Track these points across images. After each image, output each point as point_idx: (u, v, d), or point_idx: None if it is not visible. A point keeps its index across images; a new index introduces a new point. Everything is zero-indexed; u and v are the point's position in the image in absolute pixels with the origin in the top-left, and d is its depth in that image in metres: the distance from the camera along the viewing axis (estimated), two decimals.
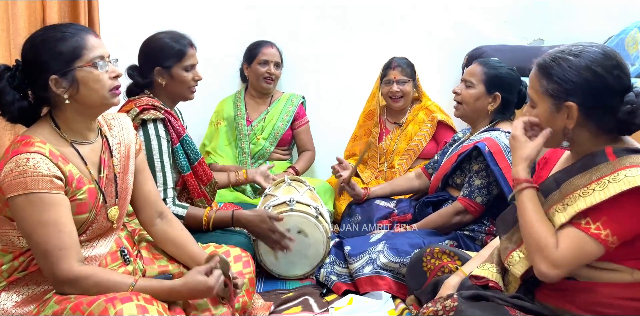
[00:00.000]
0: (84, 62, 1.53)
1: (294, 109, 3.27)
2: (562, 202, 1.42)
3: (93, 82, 1.54)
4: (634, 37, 2.68)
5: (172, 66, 2.21)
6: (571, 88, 1.42)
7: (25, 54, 1.55)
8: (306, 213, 2.39)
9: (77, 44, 1.53)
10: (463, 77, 2.46)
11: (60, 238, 1.47)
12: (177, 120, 2.24)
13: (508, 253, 1.53)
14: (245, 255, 1.97)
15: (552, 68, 1.45)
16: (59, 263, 1.46)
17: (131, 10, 3.27)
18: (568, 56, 1.44)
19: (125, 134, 1.76)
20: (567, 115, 1.44)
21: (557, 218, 1.41)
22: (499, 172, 2.22)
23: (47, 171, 1.47)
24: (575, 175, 1.44)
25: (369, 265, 2.22)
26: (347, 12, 3.51)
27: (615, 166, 1.38)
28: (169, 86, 2.24)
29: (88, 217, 1.58)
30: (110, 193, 1.68)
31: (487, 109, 2.40)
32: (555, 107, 1.46)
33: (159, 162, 2.13)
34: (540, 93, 1.48)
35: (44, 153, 1.49)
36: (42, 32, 1.58)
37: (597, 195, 1.36)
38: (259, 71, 3.18)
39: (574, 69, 1.42)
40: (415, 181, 2.81)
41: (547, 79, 1.46)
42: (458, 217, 2.34)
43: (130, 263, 1.71)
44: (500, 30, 3.49)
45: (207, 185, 2.34)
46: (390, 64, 3.12)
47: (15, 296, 1.54)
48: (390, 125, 3.25)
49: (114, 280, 1.52)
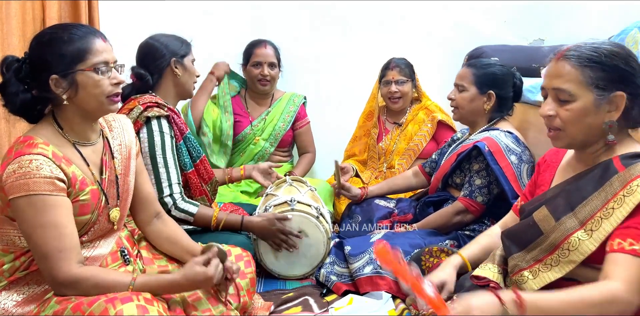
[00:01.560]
0: (86, 66, 1.53)
1: (295, 109, 3.26)
2: (584, 228, 1.40)
3: (92, 86, 1.54)
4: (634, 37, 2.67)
5: (185, 55, 2.30)
6: (621, 76, 1.39)
7: (31, 51, 1.55)
8: (307, 213, 2.39)
9: (82, 47, 1.53)
10: (455, 81, 2.47)
11: (60, 240, 1.47)
12: (180, 118, 2.26)
13: (517, 271, 1.51)
14: (246, 254, 1.97)
15: (597, 57, 1.39)
16: (59, 265, 1.46)
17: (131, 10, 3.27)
18: (605, 46, 1.41)
19: (126, 135, 1.76)
20: (613, 107, 1.40)
21: (585, 246, 1.38)
22: (499, 171, 2.23)
23: (49, 173, 1.47)
24: (589, 195, 1.41)
25: (370, 265, 2.22)
26: (347, 12, 3.51)
27: (625, 178, 1.36)
28: (183, 78, 2.30)
29: (90, 218, 1.58)
30: (112, 194, 1.68)
31: (484, 109, 2.41)
32: (601, 99, 1.40)
33: (162, 157, 2.13)
34: (583, 84, 1.40)
35: (47, 155, 1.49)
36: (51, 30, 1.59)
37: (617, 213, 1.34)
38: (252, 73, 3.16)
39: (620, 57, 1.40)
40: (413, 179, 2.81)
41: (591, 68, 1.39)
42: (459, 216, 2.34)
43: (130, 263, 1.72)
44: (500, 30, 3.49)
45: (208, 184, 2.35)
46: (388, 65, 3.13)
47: (16, 295, 1.54)
48: (390, 125, 3.25)
49: (114, 280, 1.51)
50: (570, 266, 1.41)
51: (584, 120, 1.42)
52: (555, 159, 1.64)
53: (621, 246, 1.33)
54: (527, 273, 1.49)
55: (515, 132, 2.38)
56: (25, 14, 2.34)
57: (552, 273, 1.44)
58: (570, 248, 1.41)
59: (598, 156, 1.47)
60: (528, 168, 2.26)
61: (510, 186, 2.21)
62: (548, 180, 1.62)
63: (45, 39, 1.55)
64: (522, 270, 1.50)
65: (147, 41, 2.31)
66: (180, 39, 2.33)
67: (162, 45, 2.27)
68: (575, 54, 1.42)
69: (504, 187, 2.22)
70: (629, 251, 1.32)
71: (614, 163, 1.41)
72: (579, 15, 3.41)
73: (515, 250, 1.56)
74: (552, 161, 1.65)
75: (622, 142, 1.46)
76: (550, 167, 1.64)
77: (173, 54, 2.27)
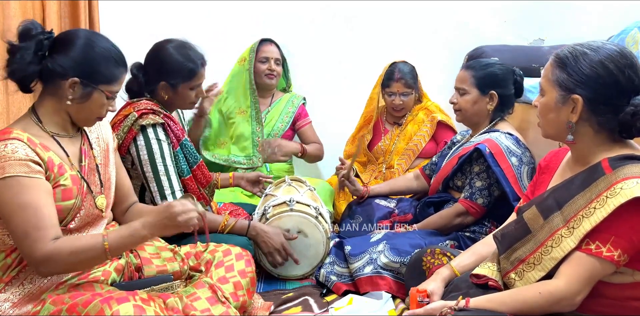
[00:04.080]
0: (106, 89, 1.63)
1: (294, 110, 3.27)
2: (567, 226, 1.42)
3: (96, 106, 1.64)
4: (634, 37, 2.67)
5: (178, 84, 2.20)
6: (580, 81, 1.43)
7: (74, 45, 1.60)
8: (306, 213, 2.39)
9: (115, 72, 1.64)
10: (455, 85, 2.47)
11: (39, 219, 1.48)
12: (176, 124, 2.22)
13: (505, 273, 1.54)
14: (246, 254, 1.97)
15: (566, 59, 1.46)
16: (37, 243, 1.47)
17: (131, 10, 3.27)
18: (585, 50, 1.44)
19: (103, 130, 1.83)
20: (572, 109, 1.45)
21: (566, 243, 1.40)
22: (500, 172, 2.23)
23: (24, 156, 1.51)
24: (576, 194, 1.43)
25: (370, 265, 2.22)
26: (347, 12, 3.51)
27: (611, 180, 1.38)
28: (170, 99, 2.23)
29: (74, 203, 1.61)
30: (94, 182, 1.71)
31: (487, 109, 2.41)
32: (561, 98, 1.46)
33: (162, 165, 2.11)
34: (550, 82, 1.48)
35: (22, 139, 1.53)
36: (105, 42, 1.66)
37: (598, 213, 1.36)
38: (260, 68, 3.17)
39: (588, 62, 1.43)
40: (414, 182, 2.81)
41: (560, 69, 1.46)
42: (459, 218, 2.34)
43: (122, 256, 1.73)
44: (500, 30, 3.49)
45: (206, 188, 2.34)
46: (392, 74, 3.09)
47: (12, 296, 1.55)
48: (390, 125, 3.25)
49: (87, 243, 1.52)
50: (552, 263, 1.42)
51: (548, 115, 1.51)
52: (555, 161, 1.65)
53: (599, 251, 1.36)
54: (514, 275, 1.50)
55: (516, 133, 2.38)
56: (25, 14, 2.34)
57: (535, 272, 1.46)
58: (553, 245, 1.43)
59: (591, 157, 1.48)
60: (528, 170, 2.26)
61: (511, 188, 2.21)
62: (546, 182, 1.63)
63: (94, 44, 1.62)
64: (509, 272, 1.52)
65: (157, 50, 2.23)
66: (193, 61, 2.19)
67: (159, 65, 2.19)
68: (558, 53, 1.49)
69: (504, 189, 2.22)
70: (584, 250, 1.37)
71: (602, 164, 1.42)
72: (579, 15, 3.42)
73: (501, 251, 1.58)
74: (552, 163, 1.66)
75: (614, 144, 1.47)
76: (550, 169, 1.65)
77: (165, 76, 2.18)
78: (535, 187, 1.69)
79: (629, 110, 1.39)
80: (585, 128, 1.46)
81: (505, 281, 1.53)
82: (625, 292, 1.41)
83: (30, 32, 1.56)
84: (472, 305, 1.43)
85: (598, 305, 1.43)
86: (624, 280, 1.41)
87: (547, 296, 1.38)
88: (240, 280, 1.84)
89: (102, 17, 2.83)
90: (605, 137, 1.46)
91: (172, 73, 2.18)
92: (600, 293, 1.42)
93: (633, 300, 1.41)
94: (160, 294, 1.68)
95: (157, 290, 1.74)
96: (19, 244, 1.50)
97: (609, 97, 1.42)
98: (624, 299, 1.42)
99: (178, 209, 1.55)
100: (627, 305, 1.41)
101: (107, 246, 1.51)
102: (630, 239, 1.35)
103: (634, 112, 1.39)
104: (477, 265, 1.66)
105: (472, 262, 1.72)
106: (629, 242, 1.35)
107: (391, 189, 2.81)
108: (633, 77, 1.41)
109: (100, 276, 1.65)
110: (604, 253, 1.35)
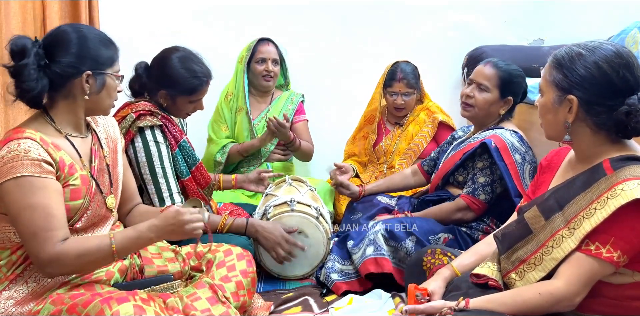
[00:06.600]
0: (113, 71, 1.66)
1: (294, 107, 3.26)
2: (567, 226, 1.42)
3: (112, 91, 1.67)
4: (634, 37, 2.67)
5: (178, 96, 2.20)
6: (575, 81, 1.43)
7: (69, 42, 1.60)
8: (307, 213, 2.39)
9: (112, 53, 1.66)
10: (475, 79, 2.40)
11: (48, 220, 1.49)
12: (174, 126, 2.22)
13: (505, 273, 1.54)
14: (247, 254, 1.97)
15: (563, 59, 1.47)
16: (44, 244, 1.47)
17: (131, 10, 3.27)
18: (581, 50, 1.45)
19: (111, 130, 1.84)
20: (568, 109, 1.45)
21: (566, 244, 1.41)
22: (504, 167, 2.23)
23: (37, 155, 1.51)
24: (577, 195, 1.43)
25: (371, 246, 2.23)
26: (348, 12, 3.51)
27: (612, 181, 1.38)
28: (168, 106, 2.23)
29: (82, 203, 1.61)
30: (104, 182, 1.72)
31: (499, 113, 2.41)
32: (558, 99, 1.47)
33: (160, 167, 2.12)
34: (548, 83, 1.49)
35: (35, 138, 1.53)
36: (90, 29, 1.68)
37: (599, 214, 1.36)
38: (257, 69, 3.16)
39: (582, 62, 1.43)
40: (411, 178, 2.80)
41: (557, 69, 1.47)
42: (460, 213, 2.34)
43: (126, 257, 1.73)
44: (500, 30, 3.49)
45: (205, 188, 2.34)
46: (394, 74, 3.07)
47: (16, 294, 1.55)
48: (391, 125, 3.25)
49: (94, 245, 1.53)
50: (553, 264, 1.42)
51: (546, 115, 1.52)
52: (557, 160, 1.65)
53: (599, 252, 1.36)
54: (514, 275, 1.51)
55: (520, 131, 2.39)
56: (25, 14, 2.34)
57: (536, 272, 1.46)
58: (554, 245, 1.43)
59: (592, 158, 1.48)
60: (530, 169, 2.27)
61: (513, 183, 2.22)
62: (547, 182, 1.63)
63: (86, 36, 1.63)
64: (509, 272, 1.52)
65: (162, 59, 2.21)
66: (199, 78, 2.19)
67: (163, 76, 2.18)
68: (556, 53, 1.50)
69: (507, 185, 2.22)
70: (584, 250, 1.37)
71: (603, 165, 1.43)
72: (579, 15, 3.42)
73: (502, 251, 1.58)
74: (553, 162, 1.66)
75: (614, 144, 1.47)
76: (551, 168, 1.65)
77: (166, 87, 2.17)
78: (536, 186, 1.69)
79: (623, 109, 1.39)
80: (582, 128, 1.47)
81: (506, 281, 1.53)
82: (625, 292, 1.42)
83: (25, 47, 1.53)
84: (472, 305, 1.43)
85: (598, 305, 1.43)
86: (623, 281, 1.41)
87: (546, 297, 1.38)
88: (242, 280, 1.84)
89: (102, 17, 2.84)
90: (604, 137, 1.47)
91: (173, 85, 2.18)
92: (600, 292, 1.42)
93: (633, 300, 1.41)
94: (160, 294, 1.68)
95: (158, 290, 1.74)
96: (27, 244, 1.51)
97: (603, 97, 1.42)
98: (623, 299, 1.42)
99: (187, 218, 1.57)
100: (627, 304, 1.42)
101: (114, 248, 1.52)
102: (630, 240, 1.35)
103: (628, 112, 1.39)
104: (478, 265, 1.67)
105: (473, 262, 1.72)
106: (629, 243, 1.35)
107: (388, 187, 2.81)
108: (628, 77, 1.41)
109: (103, 276, 1.65)
110: (603, 254, 1.35)
